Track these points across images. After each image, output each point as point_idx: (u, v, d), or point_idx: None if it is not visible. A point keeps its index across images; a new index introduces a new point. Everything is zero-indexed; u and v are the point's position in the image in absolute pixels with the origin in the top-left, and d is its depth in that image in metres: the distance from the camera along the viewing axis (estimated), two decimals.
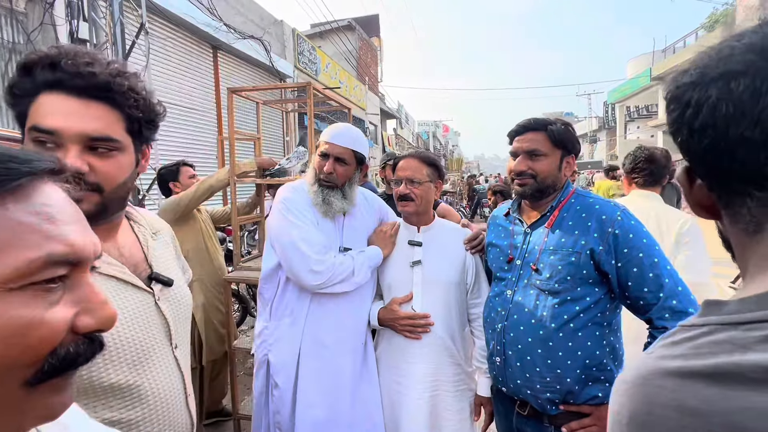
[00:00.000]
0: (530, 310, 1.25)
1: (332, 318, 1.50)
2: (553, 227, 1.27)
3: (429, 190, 1.50)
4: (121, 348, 0.73)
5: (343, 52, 14.17)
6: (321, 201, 1.49)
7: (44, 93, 0.68)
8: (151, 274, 0.83)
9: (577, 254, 1.20)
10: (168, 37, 5.90)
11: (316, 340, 1.48)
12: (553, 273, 1.22)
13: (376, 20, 19.51)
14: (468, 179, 15.09)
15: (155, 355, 0.79)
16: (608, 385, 1.20)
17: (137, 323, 0.76)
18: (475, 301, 1.53)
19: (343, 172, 1.50)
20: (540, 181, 1.28)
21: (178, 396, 0.83)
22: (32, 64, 0.68)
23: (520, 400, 1.31)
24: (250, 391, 3.01)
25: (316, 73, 10.49)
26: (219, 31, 6.50)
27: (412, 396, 1.46)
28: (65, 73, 0.67)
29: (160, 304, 0.82)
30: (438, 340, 1.47)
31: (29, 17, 4.12)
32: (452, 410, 1.46)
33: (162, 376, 0.80)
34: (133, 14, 4.93)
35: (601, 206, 1.23)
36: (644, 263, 1.13)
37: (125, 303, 0.75)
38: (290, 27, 9.35)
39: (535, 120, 1.31)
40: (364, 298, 1.56)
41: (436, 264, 1.50)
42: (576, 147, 1.32)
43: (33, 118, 0.68)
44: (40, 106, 0.68)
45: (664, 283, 1.11)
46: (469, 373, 1.52)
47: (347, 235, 1.55)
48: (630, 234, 1.16)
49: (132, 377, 0.74)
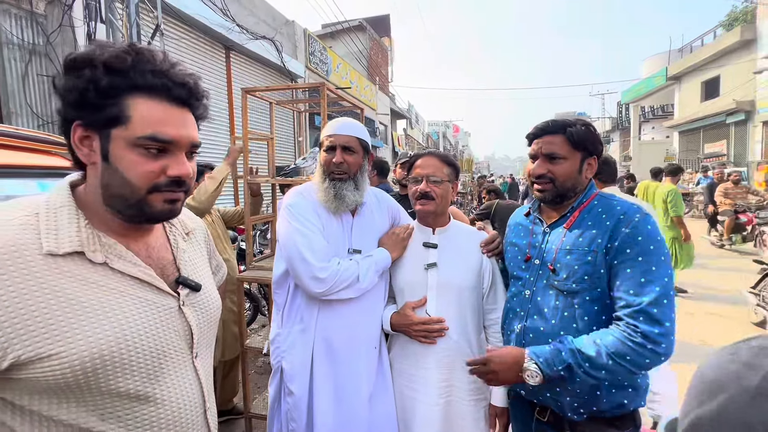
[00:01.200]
0: (550, 310, 1.23)
1: (343, 323, 1.47)
2: (571, 228, 1.24)
3: (448, 190, 1.47)
4: (135, 354, 0.69)
5: (354, 53, 14.19)
6: (333, 196, 1.45)
7: (141, 97, 0.68)
8: (178, 278, 0.81)
9: (593, 253, 1.17)
10: (182, 38, 5.97)
11: (329, 346, 1.46)
12: (570, 273, 1.19)
13: (387, 20, 19.51)
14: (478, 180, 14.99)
15: (173, 364, 0.76)
16: (632, 391, 1.17)
17: (155, 329, 0.73)
18: (490, 307, 1.49)
19: (353, 161, 1.48)
20: (559, 185, 1.24)
21: (195, 409, 0.78)
22: (121, 63, 0.66)
23: (539, 406, 1.28)
24: (260, 390, 3.03)
25: (327, 73, 10.52)
26: (232, 32, 6.56)
27: (425, 402, 1.43)
28: (171, 81, 0.69)
29: (183, 310, 0.79)
30: (453, 345, 1.43)
31: (48, 19, 4.21)
32: (467, 419, 1.42)
33: (179, 387, 0.76)
34: (148, 16, 5.00)
35: (622, 207, 1.19)
36: (640, 267, 1.09)
37: (145, 306, 0.73)
38: (302, 27, 9.39)
39: (554, 122, 1.27)
40: (376, 302, 1.53)
41: (451, 267, 1.46)
42: (598, 148, 1.27)
43: (146, 126, 0.68)
44: (146, 115, 0.68)
45: (654, 292, 1.06)
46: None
47: (356, 236, 1.52)
48: (639, 236, 1.12)
49: (144, 387, 0.71)
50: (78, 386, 0.64)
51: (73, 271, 0.66)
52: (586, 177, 1.27)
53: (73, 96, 0.66)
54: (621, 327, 1.08)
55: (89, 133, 0.68)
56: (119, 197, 0.70)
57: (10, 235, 0.63)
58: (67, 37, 4.27)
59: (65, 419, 0.65)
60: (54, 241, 0.66)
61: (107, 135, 0.68)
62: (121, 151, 0.68)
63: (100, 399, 0.67)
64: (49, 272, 0.64)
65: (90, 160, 0.69)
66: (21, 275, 0.61)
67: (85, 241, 0.68)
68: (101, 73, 0.65)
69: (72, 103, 0.67)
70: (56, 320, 0.63)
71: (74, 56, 0.66)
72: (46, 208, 0.68)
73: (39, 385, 0.62)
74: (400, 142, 19.05)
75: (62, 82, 0.66)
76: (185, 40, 6.05)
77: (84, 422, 0.66)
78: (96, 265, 0.69)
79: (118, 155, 0.68)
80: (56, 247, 0.65)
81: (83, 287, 0.66)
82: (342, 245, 1.49)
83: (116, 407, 0.68)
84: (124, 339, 0.68)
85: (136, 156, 0.68)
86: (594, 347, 1.07)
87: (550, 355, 1.11)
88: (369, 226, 1.56)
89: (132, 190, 0.69)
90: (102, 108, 0.66)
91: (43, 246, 0.64)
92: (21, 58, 4.03)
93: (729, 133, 16.96)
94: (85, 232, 0.69)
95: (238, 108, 6.98)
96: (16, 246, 0.62)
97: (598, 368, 1.07)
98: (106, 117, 0.67)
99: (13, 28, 3.97)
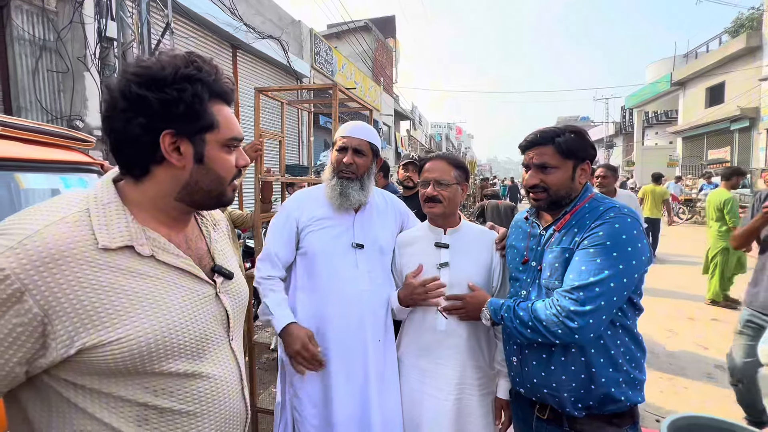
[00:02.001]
0: None
1: (343, 320, 1.51)
2: (561, 229, 1.28)
3: (456, 192, 1.50)
4: (180, 336, 0.75)
5: (359, 53, 14.23)
6: (339, 193, 1.53)
7: (218, 103, 0.78)
8: (213, 267, 0.86)
9: (570, 250, 1.21)
10: (190, 36, 6.02)
11: (324, 341, 1.50)
12: (552, 271, 1.24)
13: (392, 21, 19.55)
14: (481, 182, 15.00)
15: (214, 347, 0.81)
16: (625, 386, 1.19)
17: (199, 314, 0.79)
18: None
19: (362, 163, 1.56)
20: (553, 194, 1.28)
21: (235, 386, 0.85)
22: (208, 76, 0.76)
23: (539, 403, 1.31)
24: (266, 385, 3.06)
25: (332, 73, 10.56)
26: (239, 31, 6.60)
27: (436, 397, 1.46)
28: (229, 88, 0.81)
29: (220, 296, 0.84)
30: (463, 342, 1.47)
31: (59, 16, 4.25)
32: (477, 414, 1.45)
33: (220, 367, 0.82)
34: (158, 14, 5.04)
35: (605, 206, 1.22)
36: (587, 257, 1.14)
37: (189, 294, 0.78)
38: (308, 27, 9.43)
39: (542, 133, 1.30)
40: (380, 297, 1.57)
41: (463, 266, 1.49)
42: (589, 152, 1.29)
43: (227, 128, 0.79)
44: (227, 118, 0.79)
45: (586, 277, 1.12)
46: (491, 376, 1.51)
47: (358, 231, 1.58)
48: (601, 231, 1.15)
49: (192, 367, 0.76)
50: (134, 368, 0.70)
51: (125, 264, 0.71)
52: (580, 182, 1.30)
53: (179, 108, 0.72)
54: (550, 297, 1.20)
55: (178, 139, 0.74)
56: (205, 191, 0.79)
57: (69, 232, 0.67)
58: (78, 34, 4.31)
59: (123, 395, 0.71)
60: (107, 236, 0.70)
61: (202, 140, 0.77)
62: (215, 152, 0.78)
63: (153, 378, 0.73)
64: (105, 266, 0.69)
65: (181, 164, 0.76)
66: (81, 269, 0.66)
67: (134, 235, 0.73)
68: (200, 86, 0.74)
69: (169, 115, 0.72)
70: (115, 310, 0.68)
71: (168, 72, 0.72)
72: (95, 204, 0.72)
73: (99, 368, 0.68)
74: (403, 143, 19.07)
75: (157, 95, 0.71)
76: (193, 39, 6.09)
77: (140, 398, 0.72)
78: (144, 257, 0.74)
79: (212, 156, 0.78)
80: (109, 242, 0.70)
81: (135, 279, 0.71)
82: (346, 239, 1.56)
83: (168, 384, 0.74)
84: (173, 326, 0.74)
85: (224, 154, 0.79)
86: (525, 311, 1.23)
87: (498, 307, 1.31)
88: (371, 224, 1.62)
89: (220, 184, 0.81)
90: (200, 116, 0.75)
91: (99, 241, 0.69)
92: (32, 54, 4.07)
93: (733, 140, 16.95)
94: (132, 226, 0.73)
95: (244, 106, 7.02)
96: (74, 242, 0.67)
97: (524, 327, 1.22)
98: (203, 124, 0.76)
99: (25, 24, 4.01)
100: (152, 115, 0.71)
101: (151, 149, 0.73)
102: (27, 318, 0.62)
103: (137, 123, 0.71)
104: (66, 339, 0.65)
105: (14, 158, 1.15)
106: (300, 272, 1.58)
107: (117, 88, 0.72)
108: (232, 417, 0.84)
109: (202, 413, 0.78)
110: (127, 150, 0.74)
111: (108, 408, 0.70)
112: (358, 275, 1.54)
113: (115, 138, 0.74)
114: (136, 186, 0.77)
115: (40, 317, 0.63)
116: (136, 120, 0.71)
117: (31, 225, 0.65)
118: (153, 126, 0.72)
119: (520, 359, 1.31)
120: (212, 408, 0.79)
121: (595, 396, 1.19)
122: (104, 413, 0.70)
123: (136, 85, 0.71)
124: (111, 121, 0.73)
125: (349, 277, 1.53)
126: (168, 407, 0.74)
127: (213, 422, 0.80)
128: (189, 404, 0.76)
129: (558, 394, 1.23)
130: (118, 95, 0.71)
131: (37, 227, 0.65)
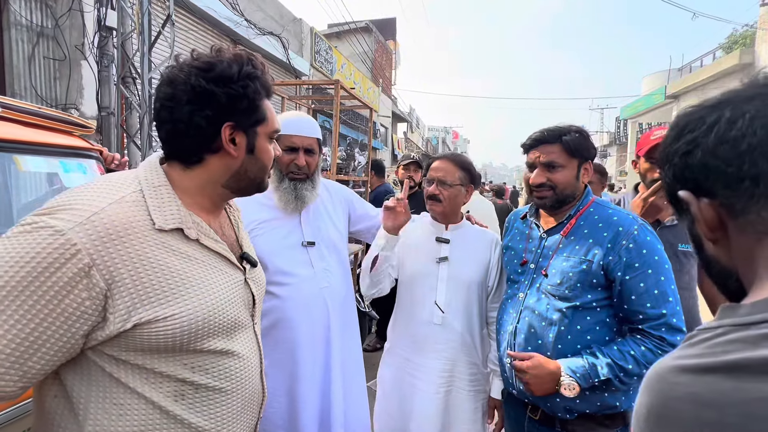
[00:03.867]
0: (540, 313, 1.26)
1: (303, 323, 1.46)
2: (568, 235, 1.28)
3: (459, 193, 1.51)
4: (219, 317, 0.78)
5: (359, 54, 14.25)
6: (294, 197, 1.47)
7: (265, 98, 0.84)
8: (242, 254, 0.90)
9: (588, 262, 1.21)
10: (190, 29, 5.98)
11: (293, 348, 1.45)
12: (564, 280, 1.24)
13: (393, 23, 19.59)
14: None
15: (242, 329, 0.86)
16: (619, 393, 1.20)
17: (233, 298, 0.82)
18: (495, 305, 1.54)
19: (313, 162, 1.52)
20: (559, 192, 1.28)
21: (257, 367, 0.89)
22: (263, 73, 0.82)
23: (531, 404, 1.32)
24: None
25: (331, 72, 10.56)
26: (240, 26, 6.58)
27: (426, 391, 1.47)
28: (272, 85, 0.87)
29: (249, 282, 0.89)
30: (457, 337, 1.49)
31: (58, 2, 4.21)
32: (465, 409, 1.47)
33: (247, 348, 0.86)
34: (159, 6, 5.01)
35: (619, 218, 1.24)
36: (651, 280, 1.16)
37: (225, 278, 0.82)
38: (308, 25, 9.43)
39: (549, 131, 1.30)
40: (334, 292, 1.52)
41: (462, 262, 1.52)
42: (591, 152, 1.31)
43: (271, 121, 0.86)
44: (272, 112, 0.86)
45: (669, 302, 1.15)
46: (485, 374, 1.53)
47: (306, 229, 1.53)
48: (643, 249, 1.17)
49: (226, 344, 0.80)
50: (179, 344, 0.74)
51: (176, 245, 0.75)
52: (583, 182, 1.31)
53: (242, 103, 0.78)
54: (648, 339, 1.16)
55: (234, 131, 0.80)
56: (250, 179, 0.85)
57: (127, 211, 0.70)
58: (76, 22, 4.26)
59: (164, 371, 0.74)
60: (161, 217, 0.73)
61: (255, 132, 0.83)
62: (263, 143, 0.85)
63: (192, 355, 0.77)
64: (161, 245, 0.72)
65: (236, 153, 0.81)
66: (142, 247, 0.69)
67: (184, 218, 0.76)
68: (259, 84, 0.80)
69: (233, 109, 0.78)
70: (169, 288, 0.72)
71: (235, 70, 0.77)
72: (147, 186, 0.75)
73: (148, 343, 0.71)
74: (400, 145, 19.11)
75: (224, 90, 0.76)
76: (193, 32, 6.06)
77: (180, 374, 0.76)
78: (190, 240, 0.77)
79: (261, 147, 0.84)
80: (164, 223, 0.73)
81: (184, 260, 0.75)
82: (295, 239, 1.51)
83: (204, 361, 0.78)
84: (215, 306, 0.78)
85: (269, 146, 0.86)
86: (629, 359, 1.15)
87: (588, 369, 1.16)
88: (318, 219, 1.58)
89: (263, 172, 0.87)
90: (257, 111, 0.82)
91: (155, 222, 0.72)
92: (28, 40, 4.02)
93: None
94: (182, 210, 0.77)
95: None
96: (133, 221, 0.69)
97: (632, 376, 1.16)
98: (257, 118, 0.82)
99: (22, 9, 3.96)
100: (218, 108, 0.76)
101: (210, 139, 0.78)
102: (94, 292, 0.64)
103: (203, 115, 0.75)
104: (124, 313, 0.67)
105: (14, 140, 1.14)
106: None
107: (182, 81, 0.75)
108: (253, 396, 0.87)
109: (232, 390, 0.82)
110: (186, 140, 0.78)
111: (149, 383, 0.73)
112: (314, 274, 1.49)
113: (174, 128, 0.77)
114: (185, 172, 0.80)
115: (105, 291, 0.65)
116: (203, 112, 0.75)
117: (97, 202, 0.67)
118: (217, 118, 0.77)
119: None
120: (240, 386, 0.83)
121: (589, 404, 1.20)
122: (145, 388, 0.73)
123: (204, 80, 0.75)
124: (172, 111, 0.76)
125: (306, 277, 1.47)
126: (203, 383, 0.78)
127: (239, 400, 0.83)
128: (222, 381, 0.80)
129: (550, 399, 1.23)
130: (186, 88, 0.75)
131: (102, 204, 0.67)
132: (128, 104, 4.53)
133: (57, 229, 0.62)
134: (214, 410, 0.79)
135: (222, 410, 0.80)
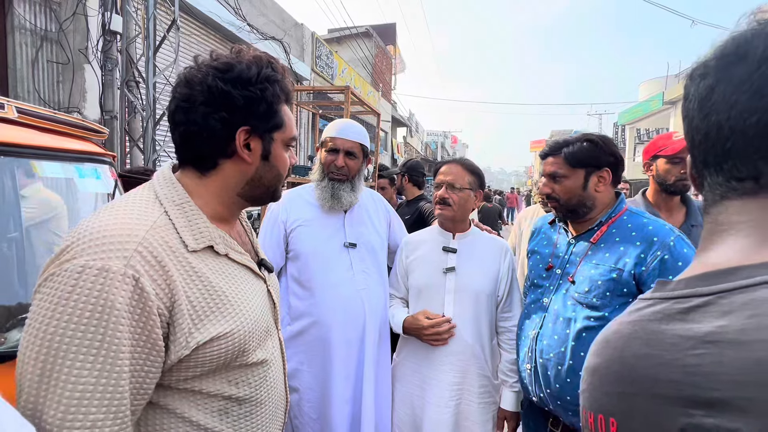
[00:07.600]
0: (565, 319, 1.25)
1: (340, 324, 1.50)
2: (598, 242, 1.26)
3: (468, 198, 1.50)
4: (258, 329, 0.78)
5: (360, 59, 14.30)
6: (330, 196, 1.52)
7: (284, 103, 0.81)
8: (260, 261, 0.88)
9: (618, 271, 1.18)
10: (193, 34, 6.00)
11: (327, 348, 1.50)
12: (592, 287, 1.21)
13: (393, 29, 19.70)
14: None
15: (271, 335, 0.86)
16: None
17: (263, 308, 0.82)
18: (505, 315, 1.52)
19: (353, 165, 1.55)
20: (564, 203, 1.29)
21: (281, 372, 0.88)
22: (283, 77, 0.79)
23: (552, 416, 1.29)
24: None
25: (332, 77, 10.58)
26: (242, 31, 6.60)
27: (436, 404, 1.45)
28: (292, 90, 0.84)
29: (270, 289, 0.88)
30: (467, 348, 1.46)
31: (62, 6, 4.21)
32: (476, 422, 1.45)
33: (275, 354, 0.86)
34: (163, 11, 5.02)
35: (654, 228, 1.20)
36: None
37: (253, 288, 0.81)
38: (309, 30, 9.46)
39: (553, 143, 1.34)
40: (372, 295, 1.56)
41: (470, 272, 1.49)
42: (603, 160, 1.27)
43: (289, 128, 0.82)
44: (290, 118, 0.83)
45: None
46: (495, 385, 1.51)
47: (349, 231, 1.57)
48: (679, 262, 1.13)
49: (262, 354, 0.80)
50: (228, 361, 0.73)
51: (210, 262, 0.73)
52: (597, 190, 1.28)
53: (260, 107, 0.75)
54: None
55: (250, 136, 0.76)
56: (265, 187, 0.81)
57: (165, 236, 0.67)
58: (80, 26, 4.26)
59: (210, 390, 0.73)
60: (191, 238, 0.71)
61: (270, 138, 0.79)
62: (279, 150, 0.81)
63: (236, 370, 0.76)
64: (198, 266, 0.70)
65: (250, 159, 0.77)
66: (185, 271, 0.68)
67: (212, 235, 0.74)
68: (278, 87, 0.77)
69: (250, 112, 0.74)
70: (216, 307, 0.71)
71: (254, 72, 0.74)
72: (170, 205, 0.72)
73: (200, 367, 0.70)
74: (399, 150, 19.15)
75: (241, 92, 0.72)
76: (196, 36, 6.08)
77: (225, 391, 0.75)
78: (220, 256, 0.76)
79: (276, 154, 0.80)
80: (196, 244, 0.71)
81: (222, 277, 0.74)
82: (338, 239, 1.55)
83: (246, 374, 0.78)
84: (255, 319, 0.77)
85: (284, 153, 0.83)
86: None
87: None
88: (361, 223, 1.62)
89: (278, 180, 0.83)
90: (275, 115, 0.78)
91: (188, 244, 0.70)
92: (32, 44, 4.02)
93: None
94: (210, 227, 0.74)
95: None
96: (172, 246, 0.68)
97: None
98: (274, 123, 0.78)
99: (26, 13, 3.96)
100: (234, 110, 0.73)
101: (225, 144, 0.74)
102: (161, 322, 0.64)
103: (218, 117, 0.72)
104: (182, 339, 0.66)
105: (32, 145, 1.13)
106: (291, 278, 1.54)
107: (199, 82, 0.72)
108: (280, 401, 0.87)
109: (266, 399, 0.81)
110: (200, 143, 0.74)
111: (195, 405, 0.72)
112: (353, 275, 1.52)
113: (188, 130, 0.73)
114: (200, 180, 0.77)
115: (167, 320, 0.65)
116: (218, 114, 0.72)
117: (135, 231, 0.64)
118: (232, 121, 0.73)
119: (533, 367, 1.30)
120: (272, 393, 0.83)
121: None
122: (191, 411, 0.71)
123: (221, 81, 0.71)
124: (188, 112, 0.72)
125: (345, 278, 1.51)
126: (245, 396, 0.77)
127: (271, 406, 0.83)
128: (260, 390, 0.80)
129: (572, 407, 1.21)
130: (202, 88, 0.71)
131: (141, 233, 0.64)
132: (132, 108, 4.53)
133: (114, 270, 0.59)
134: (255, 421, 0.79)
135: (260, 420, 0.80)
